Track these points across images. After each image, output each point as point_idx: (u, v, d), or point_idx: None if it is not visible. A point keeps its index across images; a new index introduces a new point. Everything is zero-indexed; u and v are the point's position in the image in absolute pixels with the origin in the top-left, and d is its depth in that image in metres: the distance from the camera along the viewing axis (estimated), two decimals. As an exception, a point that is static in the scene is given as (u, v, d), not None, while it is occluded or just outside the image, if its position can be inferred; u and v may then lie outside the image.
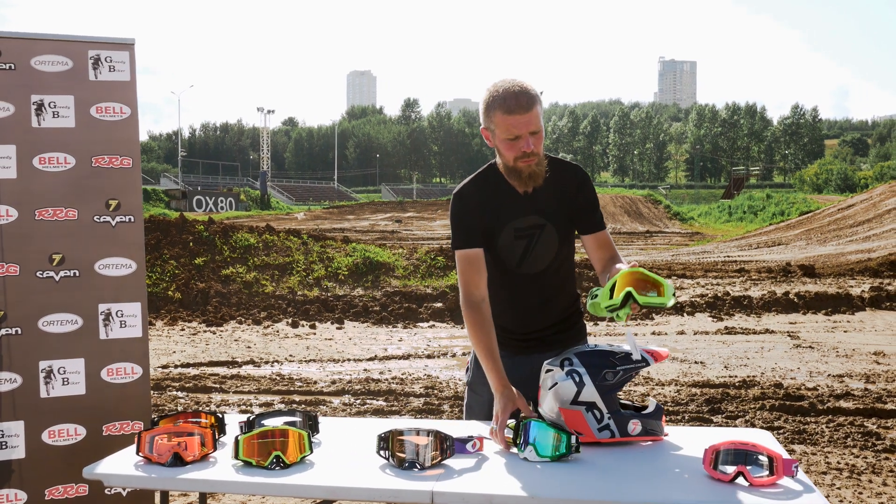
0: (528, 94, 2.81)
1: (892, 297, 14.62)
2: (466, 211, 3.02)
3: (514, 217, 3.00)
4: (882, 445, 6.19)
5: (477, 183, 3.06)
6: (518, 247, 3.02)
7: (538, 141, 2.86)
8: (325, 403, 7.44)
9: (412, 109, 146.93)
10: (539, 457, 2.56)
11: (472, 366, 3.29)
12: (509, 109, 2.80)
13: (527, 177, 2.92)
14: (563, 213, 3.03)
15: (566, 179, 3.04)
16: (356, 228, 44.56)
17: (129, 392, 3.55)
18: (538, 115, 2.84)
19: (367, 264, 14.48)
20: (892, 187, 30.14)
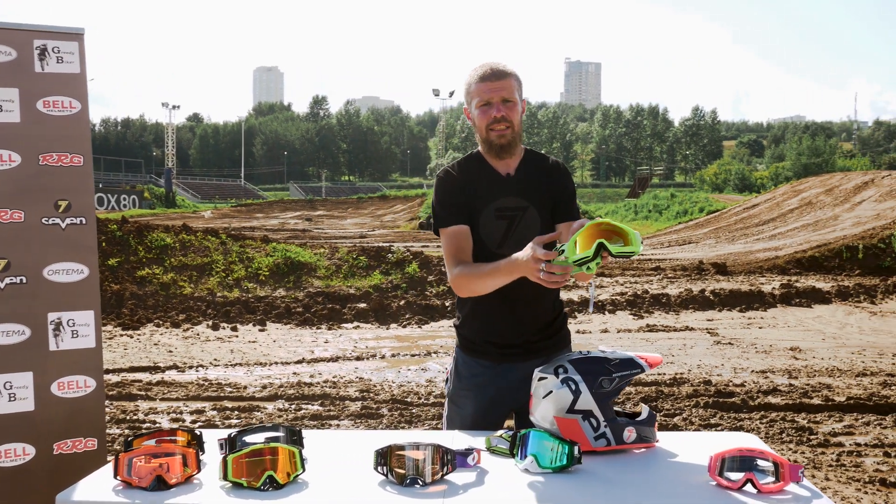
0: (504, 68, 2.94)
1: (801, 294, 15.13)
2: (450, 190, 3.01)
3: (495, 197, 2.98)
4: (816, 440, 6.35)
5: (459, 165, 3.08)
6: (499, 227, 2.98)
7: (510, 110, 2.92)
8: (258, 410, 7.22)
9: (321, 107, 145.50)
10: (540, 468, 2.48)
11: (451, 376, 3.20)
12: (483, 76, 2.92)
13: (498, 147, 2.96)
14: (545, 199, 3.02)
15: (549, 169, 3.09)
16: (266, 227, 43.81)
17: (82, 407, 3.31)
18: (512, 86, 2.93)
19: (289, 264, 14.20)
20: (793, 188, 31.35)
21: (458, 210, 2.97)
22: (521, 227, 2.97)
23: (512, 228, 2.98)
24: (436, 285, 14.20)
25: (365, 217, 56.58)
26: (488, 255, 2.94)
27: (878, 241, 19.59)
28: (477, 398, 3.09)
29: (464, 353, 3.17)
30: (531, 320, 3.06)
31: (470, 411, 3.11)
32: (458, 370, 3.18)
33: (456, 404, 3.16)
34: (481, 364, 3.11)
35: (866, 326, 12.74)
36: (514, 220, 2.98)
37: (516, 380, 3.06)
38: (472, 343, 3.13)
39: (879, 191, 25.51)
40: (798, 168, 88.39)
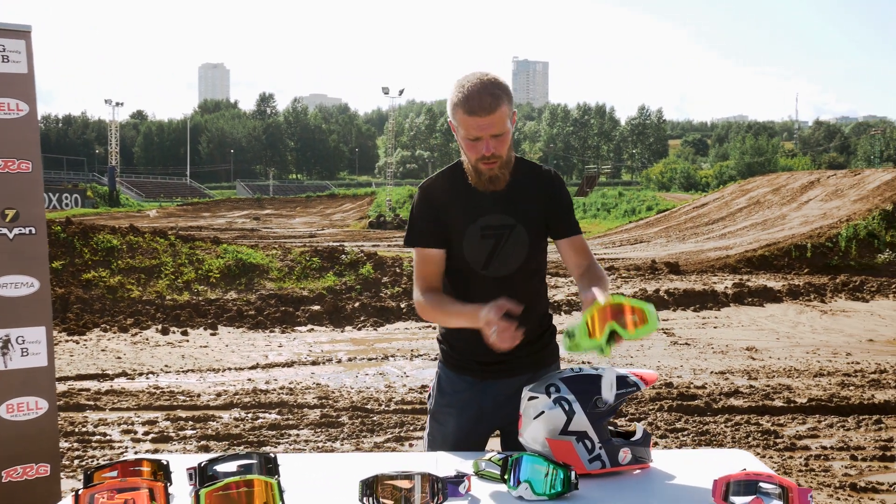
0: (493, 94, 2.62)
1: (753, 293, 15.27)
2: (430, 206, 2.83)
3: (481, 214, 2.80)
4: (783, 444, 6.32)
5: (444, 177, 2.88)
6: (485, 246, 2.81)
7: (500, 144, 2.68)
8: (214, 419, 6.97)
9: (267, 104, 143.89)
10: (535, 495, 2.33)
11: (434, 392, 3.04)
12: (471, 110, 2.61)
13: (487, 180, 2.74)
14: (535, 215, 2.84)
15: (539, 181, 2.87)
16: (213, 226, 43.13)
17: (33, 430, 3.07)
18: (503, 117, 2.65)
19: (240, 266, 13.89)
20: (741, 187, 31.77)
21: (434, 231, 2.81)
22: (507, 247, 2.82)
23: (498, 248, 2.81)
24: (390, 286, 14.01)
25: (314, 216, 56.07)
26: (473, 275, 2.82)
27: (826, 240, 19.90)
28: (459, 415, 2.94)
29: (446, 369, 3.02)
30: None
31: (452, 428, 2.95)
32: (440, 386, 3.02)
33: (438, 421, 3.01)
34: (464, 380, 2.96)
35: (818, 325, 12.88)
36: (500, 238, 2.81)
37: (501, 397, 2.91)
38: (455, 358, 2.98)
39: (825, 190, 25.95)
40: (742, 167, 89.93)
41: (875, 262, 19.18)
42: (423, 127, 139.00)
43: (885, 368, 9.43)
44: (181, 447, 6.15)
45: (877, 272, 18.65)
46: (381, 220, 44.96)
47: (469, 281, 2.83)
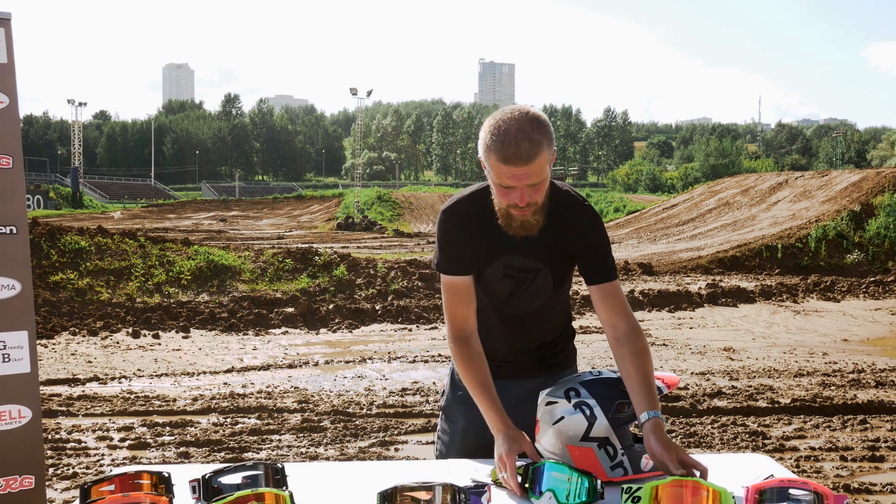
0: (532, 140, 2.29)
1: (726, 294, 15.32)
2: (455, 233, 2.59)
3: (505, 253, 2.59)
4: (772, 445, 6.28)
5: (469, 204, 2.61)
6: (505, 286, 2.64)
7: (537, 192, 2.39)
8: (192, 425, 6.78)
9: (233, 105, 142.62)
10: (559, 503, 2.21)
11: (448, 388, 2.92)
12: (506, 158, 2.30)
13: (518, 226, 2.47)
14: (564, 255, 2.62)
15: (572, 218, 2.58)
16: (179, 228, 42.59)
17: (16, 440, 2.89)
18: (542, 165, 2.33)
19: (212, 268, 13.65)
20: (710, 188, 32.00)
21: (462, 258, 2.59)
22: (529, 289, 2.65)
23: (519, 290, 2.65)
24: (364, 288, 13.86)
25: (281, 217, 55.57)
26: (492, 309, 2.69)
27: (796, 240, 20.06)
28: (469, 413, 2.79)
29: None
30: (531, 338, 2.79)
31: (462, 426, 2.83)
32: (453, 382, 2.90)
33: (449, 418, 2.89)
34: None
35: (792, 325, 12.94)
36: (522, 281, 2.63)
37: (513, 399, 2.79)
38: None
39: (794, 191, 26.20)
40: (706, 169, 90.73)
41: (844, 262, 19.37)
42: (390, 128, 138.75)
43: (862, 368, 9.46)
44: (160, 454, 5.96)
45: (846, 272, 18.84)
46: (350, 221, 44.65)
47: (486, 313, 2.70)
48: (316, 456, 5.93)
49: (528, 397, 2.77)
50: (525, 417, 2.74)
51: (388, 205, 54.12)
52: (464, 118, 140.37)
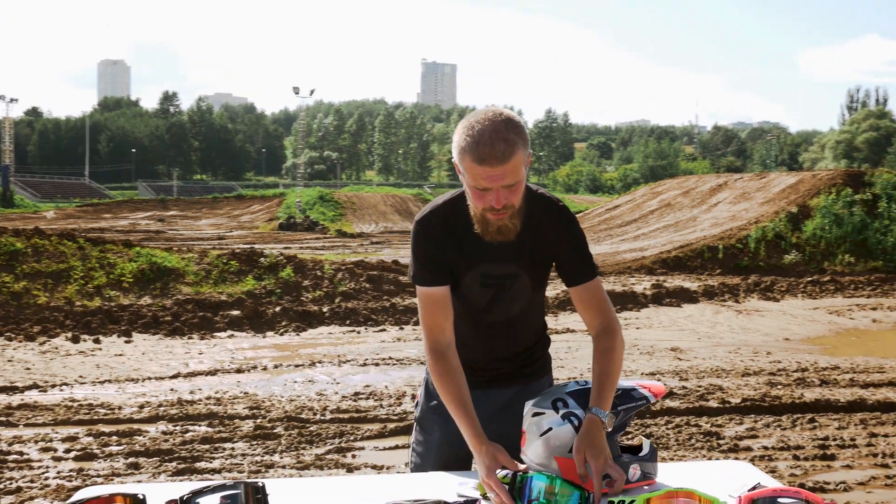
0: (507, 140, 2.27)
1: (670, 294, 15.52)
2: (431, 243, 2.54)
3: (483, 260, 2.53)
4: (727, 445, 6.34)
5: (444, 212, 2.55)
6: (484, 295, 2.59)
7: (513, 194, 2.35)
8: (140, 434, 6.59)
9: (171, 103, 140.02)
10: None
11: (422, 398, 2.85)
12: (480, 158, 2.27)
13: (494, 231, 2.42)
14: (542, 259, 2.58)
15: (549, 221, 2.56)
16: (115, 228, 41.72)
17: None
18: (518, 165, 2.30)
19: (154, 270, 13.34)
20: (652, 189, 32.43)
21: (439, 268, 2.54)
22: (508, 296, 2.60)
23: (498, 297, 2.60)
24: (312, 290, 13.70)
25: (221, 217, 54.77)
26: (469, 317, 2.62)
27: (736, 241, 20.42)
28: (445, 424, 2.71)
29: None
30: (508, 345, 2.74)
31: (438, 437, 2.76)
32: (428, 392, 2.82)
33: (424, 429, 2.82)
34: None
35: (735, 325, 13.15)
36: (501, 288, 2.58)
37: (491, 409, 2.73)
38: None
39: (733, 193, 26.69)
40: (645, 170, 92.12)
41: (782, 262, 19.78)
42: (331, 128, 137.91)
43: (805, 367, 9.64)
44: (108, 465, 5.77)
45: (784, 272, 19.24)
46: (292, 221, 44.19)
47: (463, 321, 2.63)
48: (272, 464, 5.80)
49: (506, 406, 2.73)
50: (504, 426, 2.69)
51: (331, 205, 53.77)
52: (406, 118, 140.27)
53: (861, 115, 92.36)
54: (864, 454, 6.10)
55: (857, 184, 23.70)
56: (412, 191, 70.36)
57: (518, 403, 2.63)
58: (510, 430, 2.69)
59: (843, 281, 18.09)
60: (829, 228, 21.26)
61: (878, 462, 5.92)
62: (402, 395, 7.94)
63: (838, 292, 17.05)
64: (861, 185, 23.59)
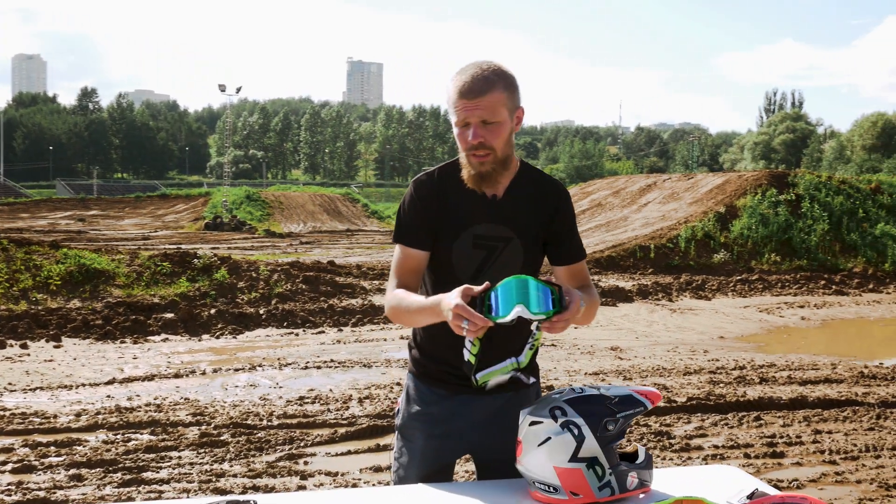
0: (487, 78, 2.38)
1: (606, 293, 15.67)
2: (420, 206, 2.55)
3: (476, 221, 2.53)
4: (677, 444, 6.40)
5: (439, 174, 2.60)
6: (475, 257, 2.54)
7: (491, 134, 2.41)
8: (79, 443, 6.32)
9: (90, 99, 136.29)
10: (533, 314, 2.17)
11: (403, 405, 2.75)
12: (460, 92, 2.40)
13: (477, 176, 2.46)
14: (535, 230, 2.59)
15: (545, 193, 2.61)
16: (34, 228, 40.41)
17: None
18: (496, 104, 2.39)
19: (83, 272, 12.90)
20: (582, 189, 32.76)
21: (422, 232, 2.54)
22: (500, 261, 2.55)
23: (490, 261, 2.55)
24: (247, 292, 13.43)
25: (144, 217, 53.51)
26: (458, 284, 2.44)
27: (667, 241, 20.76)
28: (428, 430, 2.65)
29: (416, 379, 2.72)
30: (496, 343, 2.63)
31: (420, 445, 2.66)
32: (409, 399, 2.72)
33: (406, 437, 2.71)
34: (435, 392, 2.67)
35: (671, 324, 13.36)
36: (493, 251, 2.54)
37: (479, 415, 2.65)
38: (426, 366, 2.69)
39: (662, 193, 27.14)
40: (571, 170, 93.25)
41: (712, 261, 20.18)
42: (256, 126, 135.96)
43: (743, 365, 9.83)
44: (49, 478, 5.51)
45: (714, 271, 19.64)
46: (218, 221, 43.40)
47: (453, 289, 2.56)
48: (222, 473, 5.62)
49: (498, 413, 2.65)
50: (495, 434, 2.63)
51: (258, 204, 53.03)
52: (332, 117, 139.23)
53: (778, 117, 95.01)
54: (811, 451, 6.22)
55: (781, 184, 24.36)
56: (340, 190, 69.82)
57: (509, 410, 2.58)
58: (502, 438, 2.62)
59: (771, 279, 18.56)
60: (756, 228, 21.79)
61: (826, 459, 6.04)
62: (348, 399, 7.82)
63: (766, 290, 17.49)
64: (785, 186, 24.26)
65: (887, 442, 6.45)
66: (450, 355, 2.57)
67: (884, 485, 5.44)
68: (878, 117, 79.91)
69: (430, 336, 2.64)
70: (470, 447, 2.72)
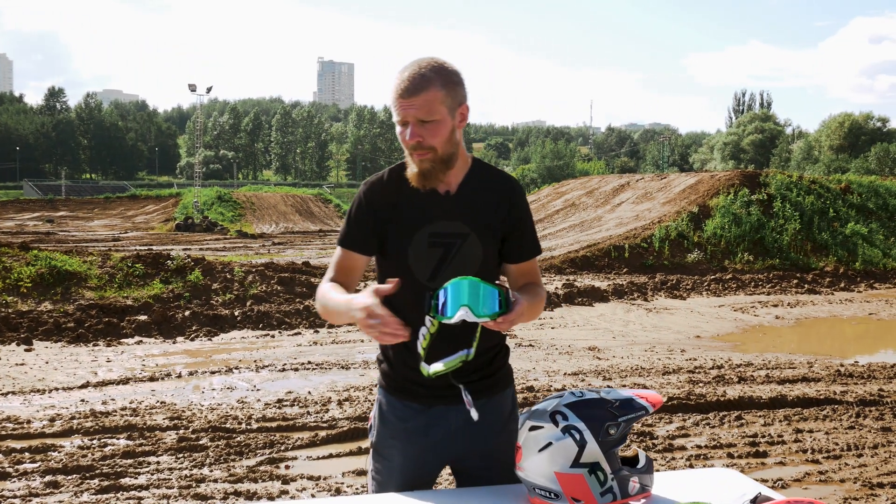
0: (424, 76, 2.35)
1: (582, 293, 15.69)
2: (370, 207, 2.51)
3: (430, 219, 2.47)
4: (661, 445, 6.39)
5: (390, 175, 2.53)
6: (432, 256, 2.46)
7: (430, 133, 2.38)
8: (54, 449, 6.19)
9: (57, 99, 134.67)
10: (478, 316, 2.18)
11: (377, 423, 2.64)
12: (398, 91, 2.37)
13: (419, 174, 2.43)
14: (491, 224, 2.52)
15: (498, 188, 2.56)
16: (1, 229, 39.82)
17: None
18: (432, 102, 2.35)
19: (54, 274, 12.69)
20: (556, 189, 32.82)
21: (366, 235, 2.51)
22: (458, 258, 2.48)
23: (448, 259, 2.47)
24: (222, 293, 13.28)
25: (114, 218, 52.96)
26: (418, 287, 2.40)
27: (641, 240, 20.83)
28: (406, 447, 2.55)
29: (388, 394, 2.61)
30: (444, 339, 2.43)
31: (399, 463, 2.56)
32: (382, 414, 2.61)
33: (382, 456, 2.60)
34: (409, 407, 2.56)
35: (647, 323, 13.39)
36: (450, 248, 2.47)
37: (453, 426, 2.55)
38: (397, 381, 2.58)
39: (635, 193, 27.25)
40: (542, 170, 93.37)
41: (686, 261, 20.28)
42: (227, 126, 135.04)
43: (721, 364, 9.87)
44: (24, 485, 5.39)
45: (688, 271, 19.74)
46: (189, 222, 43.03)
47: (413, 295, 2.42)
48: (202, 479, 5.53)
49: (470, 425, 2.52)
50: (469, 442, 2.56)
51: (229, 205, 52.66)
52: (303, 117, 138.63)
53: (747, 117, 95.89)
54: (794, 450, 6.24)
55: (753, 184, 24.55)
56: (312, 190, 69.46)
57: (485, 416, 2.52)
58: (479, 444, 2.56)
59: (744, 279, 18.69)
60: (729, 228, 21.93)
61: (808, 458, 6.06)
62: (327, 402, 7.74)
63: (740, 290, 17.60)
64: (757, 186, 24.45)
65: (868, 440, 6.49)
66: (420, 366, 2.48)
67: (867, 483, 5.47)
68: (845, 118, 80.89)
69: (400, 348, 2.52)
70: (449, 457, 2.61)
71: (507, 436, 2.60)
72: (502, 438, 2.60)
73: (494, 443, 2.59)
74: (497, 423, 2.61)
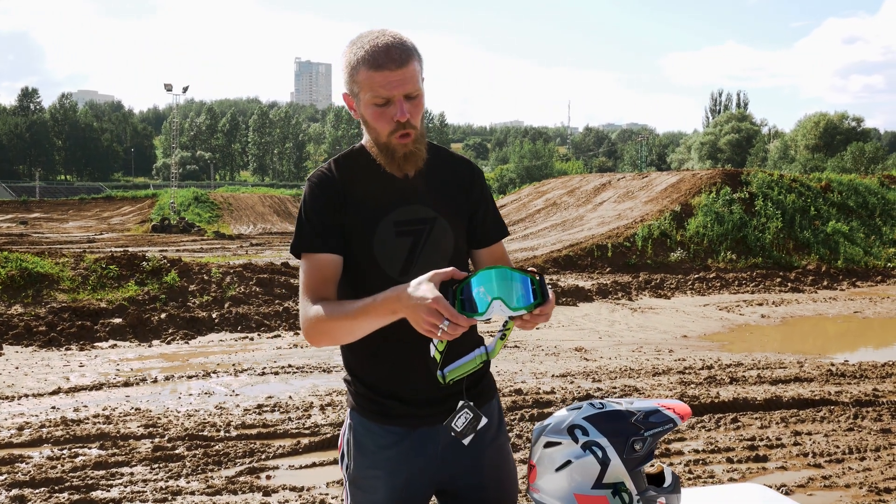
0: (404, 46, 2.11)
1: (566, 293, 15.51)
2: (323, 202, 2.20)
3: (393, 207, 2.20)
4: (658, 450, 6.16)
5: (340, 165, 2.26)
6: (401, 247, 2.20)
7: (415, 109, 2.14)
8: (22, 460, 5.88)
9: (31, 100, 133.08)
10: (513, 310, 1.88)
11: (350, 451, 2.30)
12: (377, 64, 2.09)
13: (402, 158, 2.17)
14: (457, 205, 2.29)
15: (457, 168, 2.35)
16: (-27, 232, 39.15)
17: None
18: (415, 76, 2.13)
19: (25, 276, 12.31)
20: (537, 189, 32.64)
21: (330, 231, 2.18)
22: (429, 246, 2.22)
23: (418, 248, 2.21)
24: (199, 295, 12.95)
25: (89, 220, 52.31)
26: (389, 284, 2.05)
27: (624, 239, 20.68)
28: (390, 478, 2.23)
29: (363, 418, 2.29)
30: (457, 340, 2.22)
31: (384, 495, 2.24)
32: (358, 442, 2.29)
33: (362, 489, 2.27)
34: (390, 432, 2.25)
35: (633, 323, 13.21)
36: (419, 235, 2.21)
37: (439, 446, 2.26)
38: (374, 403, 2.26)
39: (617, 192, 27.10)
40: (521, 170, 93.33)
41: (668, 260, 20.14)
42: (203, 127, 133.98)
43: (710, 364, 9.68)
44: (-12, 499, 5.09)
45: (671, 270, 19.59)
46: (166, 223, 42.53)
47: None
48: (178, 490, 5.24)
49: (456, 443, 2.24)
50: (455, 461, 2.27)
51: (206, 206, 52.17)
52: (280, 118, 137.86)
53: (723, 117, 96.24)
54: (794, 454, 6.04)
55: (735, 183, 24.49)
56: (290, 191, 69.04)
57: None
58: (465, 462, 2.29)
59: (728, 277, 18.56)
60: (711, 226, 21.83)
61: (810, 462, 5.86)
62: (309, 407, 7.47)
63: (724, 288, 17.47)
64: (738, 185, 24.39)
65: (869, 443, 6.30)
66: (399, 381, 2.23)
67: (874, 489, 5.27)
68: (821, 118, 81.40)
69: (376, 366, 2.24)
70: (439, 480, 2.31)
71: (496, 449, 2.35)
72: (492, 452, 2.34)
73: (485, 458, 2.32)
74: (486, 437, 2.33)
